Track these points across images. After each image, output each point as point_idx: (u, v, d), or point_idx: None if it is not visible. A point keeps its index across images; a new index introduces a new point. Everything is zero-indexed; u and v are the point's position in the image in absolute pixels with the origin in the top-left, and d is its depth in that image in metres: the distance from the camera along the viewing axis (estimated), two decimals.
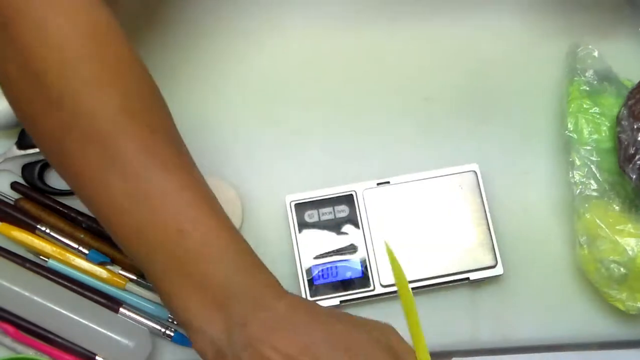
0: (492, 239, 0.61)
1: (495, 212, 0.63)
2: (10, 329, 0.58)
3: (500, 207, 0.64)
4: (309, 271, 0.60)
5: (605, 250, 0.59)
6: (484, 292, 0.63)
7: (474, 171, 0.63)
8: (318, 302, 0.57)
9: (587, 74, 0.65)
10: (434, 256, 0.61)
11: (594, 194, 0.61)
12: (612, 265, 0.59)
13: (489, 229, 0.61)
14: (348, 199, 0.62)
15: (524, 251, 0.64)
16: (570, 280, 0.63)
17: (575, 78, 0.65)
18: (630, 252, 0.59)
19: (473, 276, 0.61)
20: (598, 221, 0.60)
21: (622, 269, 0.59)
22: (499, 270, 0.61)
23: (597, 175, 0.61)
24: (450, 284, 0.61)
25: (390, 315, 0.60)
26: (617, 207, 0.61)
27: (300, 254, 0.60)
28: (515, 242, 0.63)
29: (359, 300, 0.60)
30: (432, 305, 0.62)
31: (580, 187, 0.61)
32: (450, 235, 0.61)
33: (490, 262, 0.61)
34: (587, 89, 0.65)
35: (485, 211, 0.62)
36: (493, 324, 0.62)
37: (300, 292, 0.60)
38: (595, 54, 0.66)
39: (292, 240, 0.61)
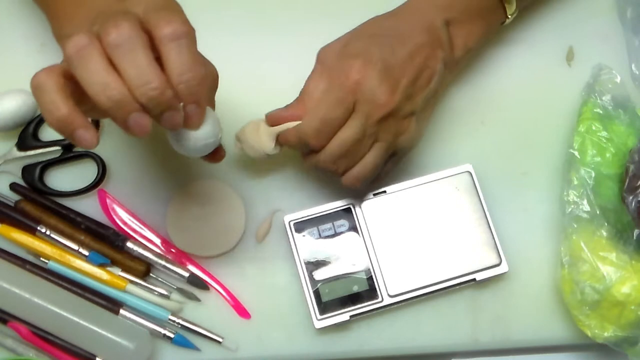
0: (494, 238, 0.60)
1: (494, 212, 0.62)
2: (23, 330, 0.58)
3: (499, 208, 0.63)
4: (315, 290, 0.59)
5: (585, 273, 0.58)
6: (485, 293, 0.62)
7: (469, 172, 0.62)
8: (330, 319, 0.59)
9: (604, 98, 0.64)
10: (438, 261, 0.60)
11: (585, 215, 0.60)
12: (587, 290, 0.58)
13: (490, 228, 0.61)
14: (346, 213, 0.61)
15: (525, 251, 0.63)
16: None
17: (591, 99, 0.64)
18: (608, 281, 0.58)
19: (479, 276, 0.60)
20: (583, 244, 0.59)
21: (596, 295, 0.58)
22: (504, 268, 0.60)
23: (592, 198, 0.60)
24: (457, 287, 0.60)
25: (400, 325, 0.61)
26: (605, 234, 0.60)
27: (305, 273, 0.59)
28: (516, 242, 0.63)
29: (369, 313, 0.60)
30: (434, 308, 0.62)
31: (573, 206, 0.60)
32: (452, 238, 0.61)
33: (495, 261, 0.60)
34: (601, 112, 0.63)
35: (484, 210, 0.61)
36: (493, 325, 0.62)
37: (309, 310, 0.59)
38: (617, 80, 0.65)
39: (294, 259, 0.60)
